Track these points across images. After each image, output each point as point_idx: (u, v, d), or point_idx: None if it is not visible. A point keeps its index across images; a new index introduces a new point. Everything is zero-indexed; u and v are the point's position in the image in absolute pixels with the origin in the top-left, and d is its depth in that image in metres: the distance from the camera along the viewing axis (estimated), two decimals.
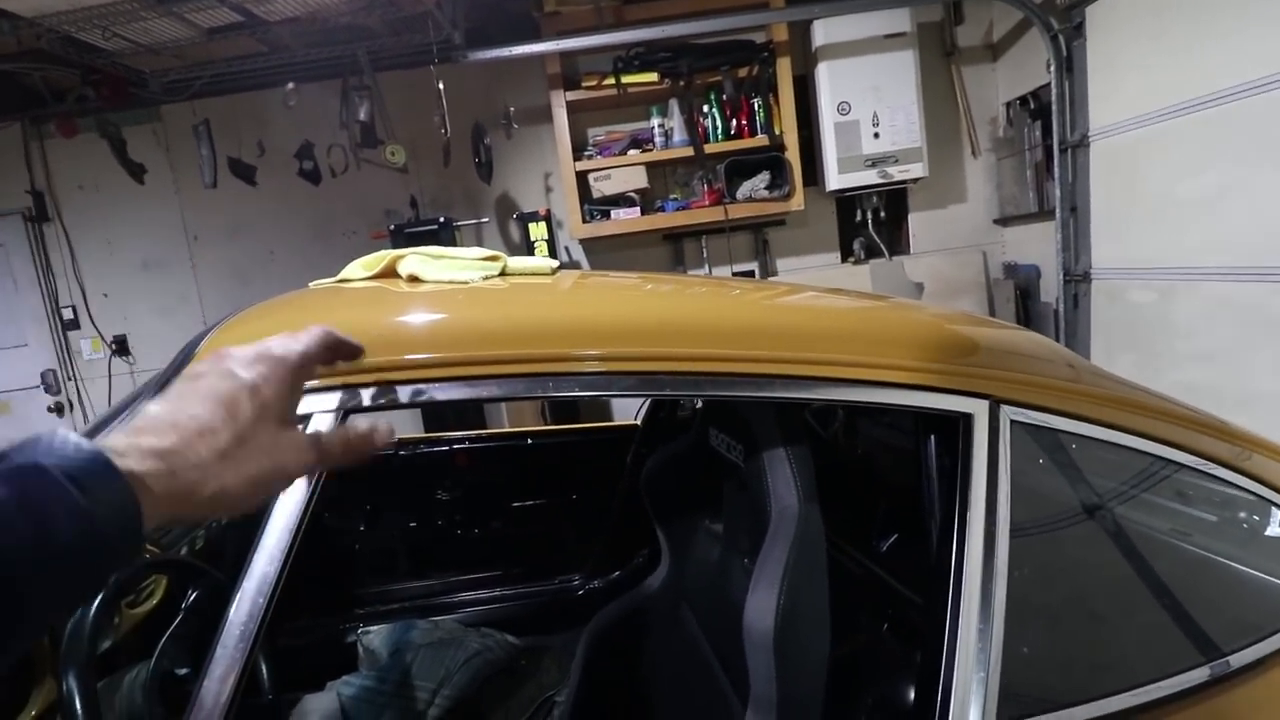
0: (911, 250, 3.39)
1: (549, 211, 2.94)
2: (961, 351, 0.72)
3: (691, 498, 1.04)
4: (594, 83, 2.96)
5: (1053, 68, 2.70)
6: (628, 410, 1.96)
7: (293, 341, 0.44)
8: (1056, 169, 2.75)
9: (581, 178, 3.03)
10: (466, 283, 0.75)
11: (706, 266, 3.34)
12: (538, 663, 1.60)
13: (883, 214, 3.28)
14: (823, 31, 2.98)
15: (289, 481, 0.43)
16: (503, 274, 0.83)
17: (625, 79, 2.96)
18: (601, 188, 3.04)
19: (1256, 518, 0.90)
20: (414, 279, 0.78)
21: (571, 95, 2.98)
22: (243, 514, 0.41)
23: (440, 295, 0.69)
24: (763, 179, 3.08)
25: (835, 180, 3.06)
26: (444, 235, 2.59)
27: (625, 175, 3.04)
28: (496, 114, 2.91)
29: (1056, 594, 0.78)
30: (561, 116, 2.99)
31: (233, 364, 0.42)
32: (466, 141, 2.84)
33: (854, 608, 0.98)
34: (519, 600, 1.83)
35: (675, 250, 3.36)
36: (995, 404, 0.69)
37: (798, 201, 3.04)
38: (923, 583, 0.71)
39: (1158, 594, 0.81)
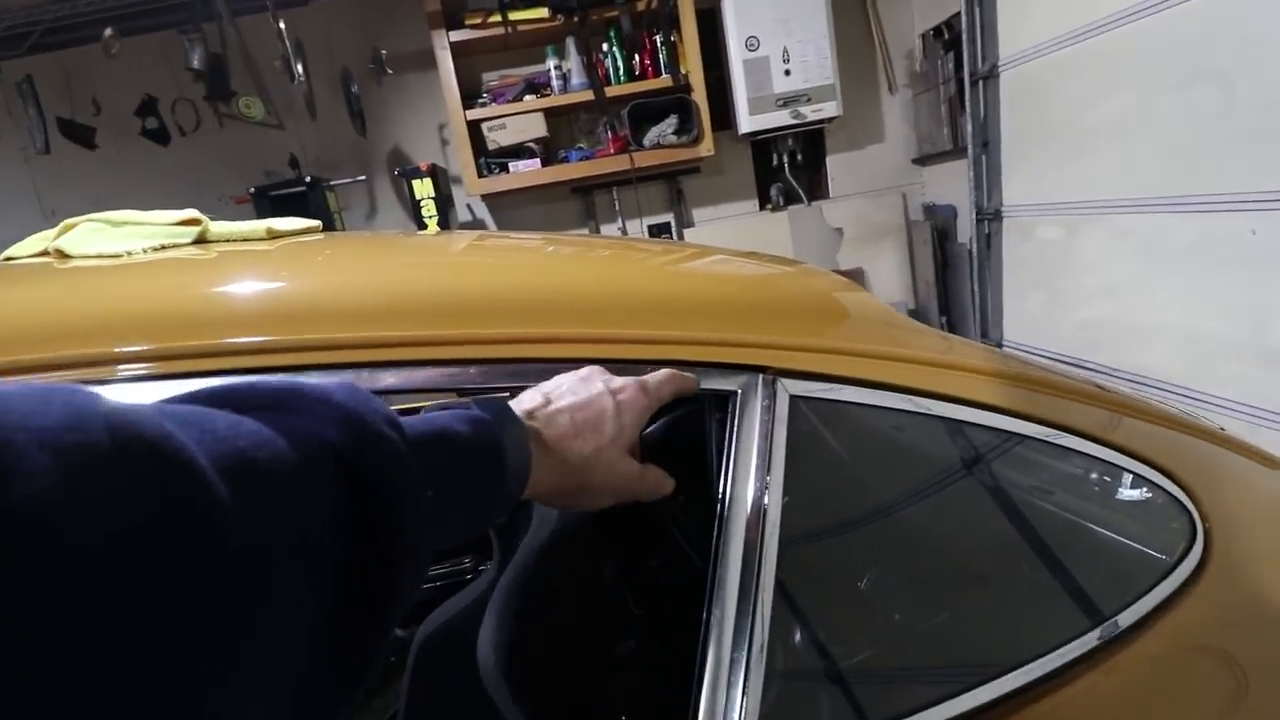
0: (831, 195, 3.28)
1: (433, 166, 2.70)
2: (734, 319, 0.59)
3: None
4: (478, 20, 2.70)
5: None
6: None
7: (652, 381, 0.50)
8: (968, 103, 2.63)
9: (474, 127, 2.80)
10: (119, 256, 0.58)
11: (620, 220, 3.17)
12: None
13: (799, 157, 3.13)
14: None
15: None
16: (201, 241, 0.66)
17: (513, 15, 2.71)
18: (497, 138, 2.81)
19: (1108, 479, 0.82)
20: (61, 254, 0.61)
21: (455, 36, 2.72)
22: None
23: (43, 274, 0.53)
24: (670, 124, 2.90)
25: (747, 123, 2.89)
26: (314, 197, 2.35)
27: (521, 123, 2.81)
28: (367, 59, 2.64)
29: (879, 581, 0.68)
30: (446, 60, 2.72)
31: (611, 384, 0.47)
32: (338, 91, 2.57)
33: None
34: None
35: (586, 204, 3.17)
36: (771, 378, 0.57)
37: (707, 146, 2.88)
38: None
39: (1017, 566, 0.72)
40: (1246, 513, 0.84)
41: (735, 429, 0.55)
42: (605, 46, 2.84)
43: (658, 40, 2.82)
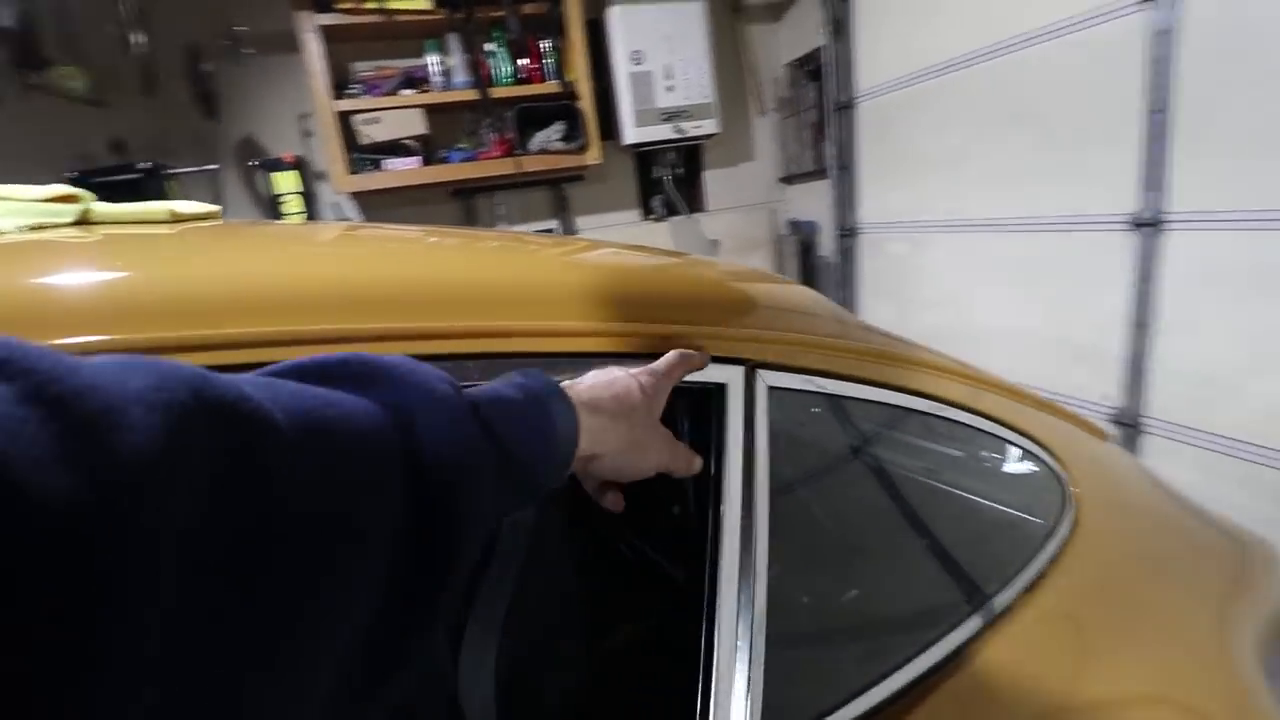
0: (708, 208, 3.44)
1: (298, 158, 2.47)
2: (719, 312, 0.61)
3: None
4: (350, 5, 2.52)
5: (825, 30, 2.81)
6: None
7: (664, 364, 0.52)
8: (829, 129, 2.90)
9: (345, 120, 2.60)
10: None
11: (504, 225, 3.09)
12: None
13: (680, 171, 3.26)
14: None
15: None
16: (83, 222, 0.56)
17: (391, 4, 2.56)
18: (370, 132, 2.63)
19: (997, 455, 0.94)
20: None
21: (324, 19, 2.51)
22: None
23: None
24: (557, 130, 2.89)
25: (631, 134, 2.95)
26: (150, 186, 2.05)
27: (399, 119, 2.66)
28: (221, 34, 2.36)
29: (830, 570, 0.73)
30: (313, 44, 2.51)
31: (630, 370, 0.50)
32: (181, 68, 2.27)
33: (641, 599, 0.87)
34: None
35: (467, 207, 3.06)
36: (751, 369, 0.60)
37: (594, 155, 2.90)
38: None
39: (918, 548, 0.80)
40: (1094, 480, 1.01)
41: (723, 421, 0.57)
42: (489, 46, 2.78)
43: (545, 46, 2.81)
